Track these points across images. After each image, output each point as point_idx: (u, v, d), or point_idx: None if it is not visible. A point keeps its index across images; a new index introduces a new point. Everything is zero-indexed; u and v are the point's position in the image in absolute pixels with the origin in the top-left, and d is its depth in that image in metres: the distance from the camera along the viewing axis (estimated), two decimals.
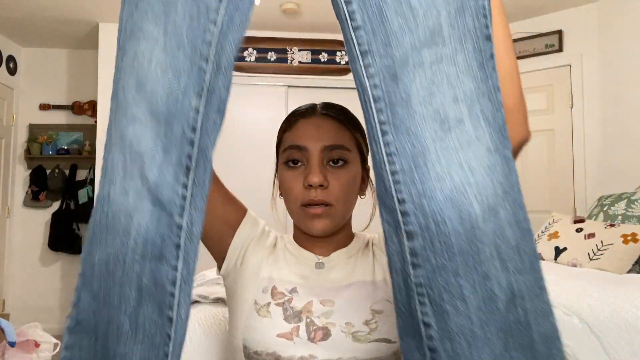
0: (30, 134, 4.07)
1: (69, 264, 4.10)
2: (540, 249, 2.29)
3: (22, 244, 4.06)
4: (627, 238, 1.99)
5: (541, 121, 3.40)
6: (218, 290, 1.38)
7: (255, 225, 0.84)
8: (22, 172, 4.09)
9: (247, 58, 3.71)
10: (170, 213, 0.49)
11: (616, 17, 3.05)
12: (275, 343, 0.73)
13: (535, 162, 3.43)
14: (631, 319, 1.30)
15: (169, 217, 0.49)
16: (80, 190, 3.98)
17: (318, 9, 3.37)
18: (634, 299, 1.37)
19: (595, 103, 3.19)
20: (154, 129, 0.50)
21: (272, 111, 3.70)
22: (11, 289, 4.03)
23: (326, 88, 3.73)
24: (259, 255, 0.82)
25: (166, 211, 0.49)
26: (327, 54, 3.76)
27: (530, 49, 3.43)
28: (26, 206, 4.06)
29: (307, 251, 0.83)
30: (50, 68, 4.14)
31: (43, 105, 4.10)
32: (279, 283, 0.79)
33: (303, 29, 3.72)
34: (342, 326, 0.74)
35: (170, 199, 0.49)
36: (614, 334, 1.27)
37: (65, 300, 4.08)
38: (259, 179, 3.83)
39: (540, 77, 3.41)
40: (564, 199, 3.28)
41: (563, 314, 1.29)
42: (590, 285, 1.52)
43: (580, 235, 2.16)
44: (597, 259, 1.99)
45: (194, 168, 0.49)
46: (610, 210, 2.39)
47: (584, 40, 3.24)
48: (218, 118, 0.50)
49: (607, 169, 3.09)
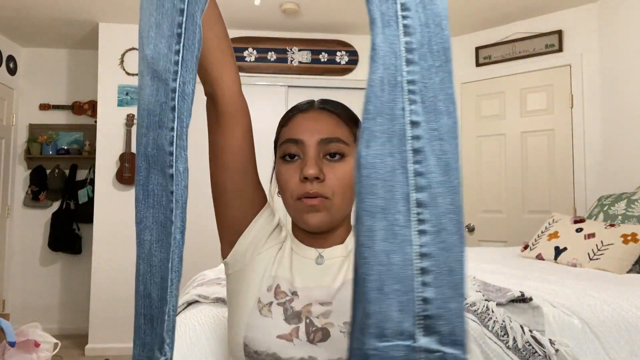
0: (30, 134, 4.07)
1: (69, 264, 4.10)
2: (540, 249, 2.29)
3: (22, 244, 4.07)
4: (627, 238, 1.99)
5: (541, 121, 3.41)
6: (218, 290, 1.38)
7: (272, 217, 0.84)
8: (22, 172, 4.09)
9: (247, 58, 3.71)
10: (165, 81, 0.55)
11: (616, 17, 3.05)
12: (276, 344, 0.73)
13: (535, 162, 3.43)
14: (631, 319, 1.30)
15: (165, 84, 0.55)
16: (80, 190, 3.98)
17: (318, 9, 3.37)
18: (634, 299, 1.37)
19: (595, 103, 3.19)
20: (148, 9, 0.56)
21: (272, 111, 3.70)
22: (11, 289, 4.03)
23: (326, 88, 3.74)
24: (269, 252, 0.82)
25: (162, 80, 0.55)
26: (327, 54, 3.76)
27: (530, 49, 3.43)
28: (26, 206, 4.07)
29: (308, 247, 0.83)
30: (50, 68, 4.14)
31: (43, 105, 4.10)
32: (282, 282, 0.79)
33: (303, 29, 3.72)
34: (340, 326, 0.74)
35: (165, 67, 0.55)
36: (614, 334, 1.27)
37: (65, 300, 4.09)
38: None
39: (540, 77, 3.41)
40: (564, 199, 3.29)
41: (563, 314, 1.29)
42: (590, 285, 1.52)
43: (580, 235, 2.16)
44: (597, 259, 1.99)
45: (184, 33, 0.55)
46: (610, 210, 2.39)
47: (584, 40, 3.25)
48: None
49: (607, 169, 3.09)
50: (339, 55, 3.77)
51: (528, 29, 3.45)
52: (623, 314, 1.31)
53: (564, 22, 3.33)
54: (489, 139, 3.64)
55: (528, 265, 2.09)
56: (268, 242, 0.82)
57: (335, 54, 3.76)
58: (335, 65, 3.76)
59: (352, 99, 3.66)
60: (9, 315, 3.67)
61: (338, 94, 3.63)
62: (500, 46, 3.57)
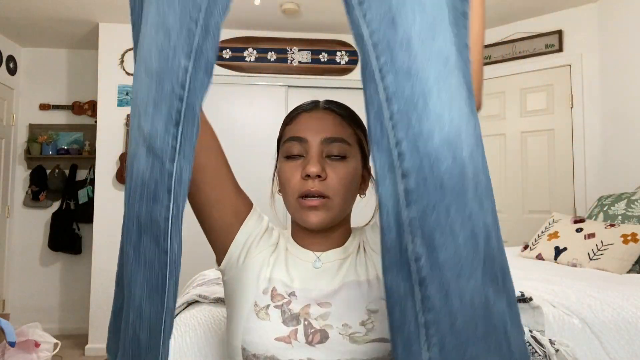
0: (30, 134, 4.07)
1: (69, 264, 4.10)
2: (540, 249, 2.29)
3: (22, 244, 4.06)
4: (627, 238, 1.99)
5: (541, 121, 3.41)
6: (218, 290, 1.38)
7: (260, 220, 0.83)
8: (22, 172, 4.09)
9: (247, 58, 3.71)
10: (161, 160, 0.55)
11: (616, 17, 3.05)
12: (274, 347, 0.72)
13: (535, 162, 3.43)
14: (631, 319, 1.30)
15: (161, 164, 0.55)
16: (80, 190, 3.98)
17: (318, 9, 3.37)
18: (634, 299, 1.37)
19: (595, 103, 3.19)
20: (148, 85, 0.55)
21: (272, 111, 3.70)
22: (11, 289, 4.03)
23: (326, 88, 3.73)
24: (261, 255, 0.81)
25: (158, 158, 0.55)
26: (327, 54, 3.76)
27: (530, 49, 3.43)
28: (26, 206, 4.07)
29: (306, 249, 0.83)
30: (50, 68, 4.14)
31: (43, 105, 4.10)
32: (278, 285, 0.78)
33: (303, 29, 3.72)
34: (339, 328, 0.73)
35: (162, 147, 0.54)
36: (614, 334, 1.27)
37: (65, 300, 4.09)
38: (258, 178, 3.82)
39: (540, 77, 3.41)
40: (564, 199, 3.29)
41: (563, 314, 1.29)
42: (590, 285, 1.52)
43: (580, 235, 2.16)
44: (597, 259, 1.99)
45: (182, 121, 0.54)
46: (610, 210, 2.39)
47: (584, 40, 3.24)
48: (206, 78, 0.54)
49: (607, 169, 3.09)
50: (339, 55, 3.77)
51: (528, 29, 3.45)
52: (623, 314, 1.31)
53: (564, 22, 3.33)
54: (489, 139, 3.64)
55: (528, 265, 2.09)
56: (260, 245, 0.82)
57: (335, 54, 3.76)
58: (335, 65, 3.76)
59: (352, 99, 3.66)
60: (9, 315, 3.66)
61: (338, 94, 3.63)
62: (500, 46, 3.57)
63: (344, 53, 3.77)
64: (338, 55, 3.76)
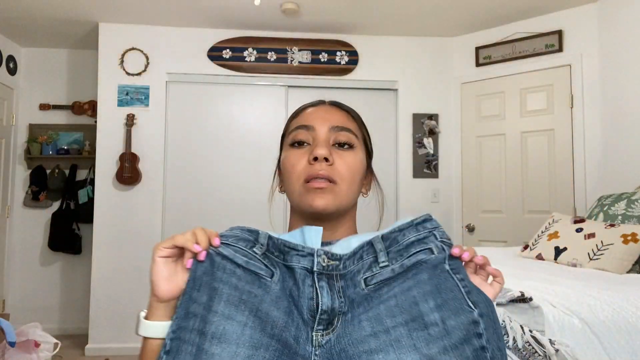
0: (30, 134, 4.07)
1: (69, 264, 4.10)
2: (540, 249, 2.29)
3: (22, 244, 4.07)
4: (627, 238, 1.99)
5: (541, 121, 3.41)
6: None
7: None
8: (22, 172, 4.09)
9: (247, 58, 3.71)
10: None
11: (616, 17, 3.05)
12: None
13: (535, 162, 3.43)
14: (631, 319, 1.30)
15: None
16: (80, 190, 3.98)
17: (318, 9, 3.37)
18: (634, 299, 1.37)
19: (595, 103, 3.19)
20: None
21: (272, 111, 3.70)
22: (11, 289, 4.03)
23: (326, 88, 3.74)
24: None
25: None
26: (327, 54, 3.76)
27: (530, 49, 3.43)
28: (26, 206, 4.07)
29: None
30: (50, 68, 4.14)
31: (43, 105, 4.10)
32: None
33: (303, 29, 3.72)
34: None
35: None
36: (614, 334, 1.27)
37: (65, 300, 4.09)
38: (258, 178, 3.84)
39: (540, 77, 3.41)
40: (564, 199, 3.29)
41: (563, 314, 1.29)
42: (590, 285, 1.52)
43: (580, 235, 2.16)
44: (597, 259, 1.99)
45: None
46: (610, 210, 2.39)
47: (584, 40, 3.25)
48: None
49: (607, 169, 3.09)
50: (339, 55, 3.77)
51: (528, 29, 3.46)
52: (623, 314, 1.31)
53: (564, 22, 3.33)
54: (489, 139, 3.64)
55: (528, 265, 2.09)
56: None
57: (335, 54, 3.76)
58: (335, 65, 3.76)
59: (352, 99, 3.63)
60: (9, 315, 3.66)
61: (338, 94, 3.63)
62: (500, 46, 3.57)
63: (344, 53, 3.77)
64: (338, 55, 3.76)
